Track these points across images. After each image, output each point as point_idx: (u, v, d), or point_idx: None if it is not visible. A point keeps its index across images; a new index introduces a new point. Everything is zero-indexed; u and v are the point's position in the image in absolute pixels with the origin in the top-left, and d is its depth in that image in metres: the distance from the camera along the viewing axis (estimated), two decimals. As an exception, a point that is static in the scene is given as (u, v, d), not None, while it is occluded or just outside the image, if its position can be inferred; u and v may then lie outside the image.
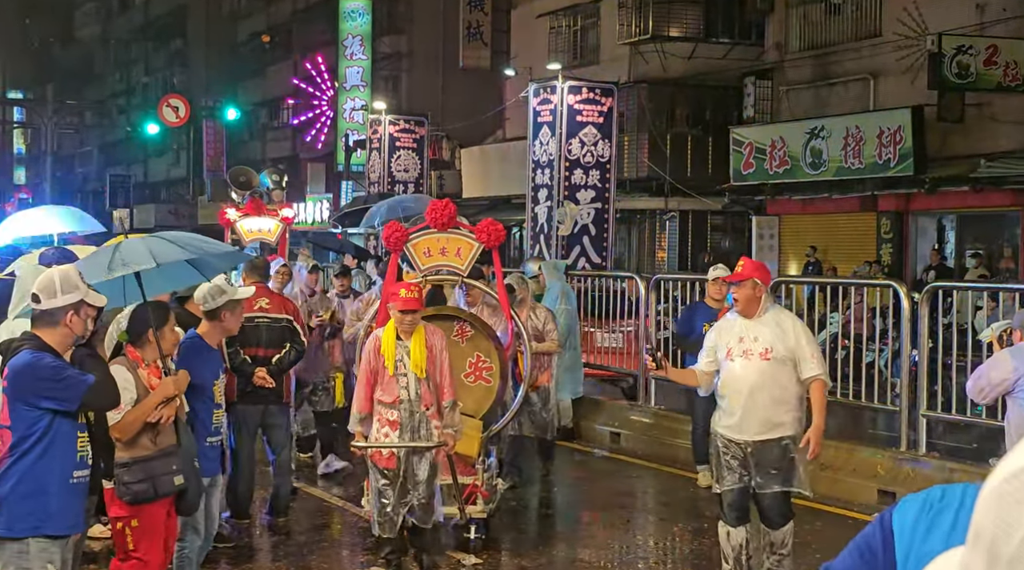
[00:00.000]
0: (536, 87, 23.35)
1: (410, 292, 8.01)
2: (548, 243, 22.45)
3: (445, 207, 9.35)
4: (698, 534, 10.09)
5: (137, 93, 67.64)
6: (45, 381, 5.47)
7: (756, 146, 28.48)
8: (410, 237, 9.28)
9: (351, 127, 43.42)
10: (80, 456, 5.64)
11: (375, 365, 8.06)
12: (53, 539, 5.55)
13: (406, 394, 8.01)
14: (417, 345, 8.00)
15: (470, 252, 9.31)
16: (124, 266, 6.70)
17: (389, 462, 8.12)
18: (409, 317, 7.96)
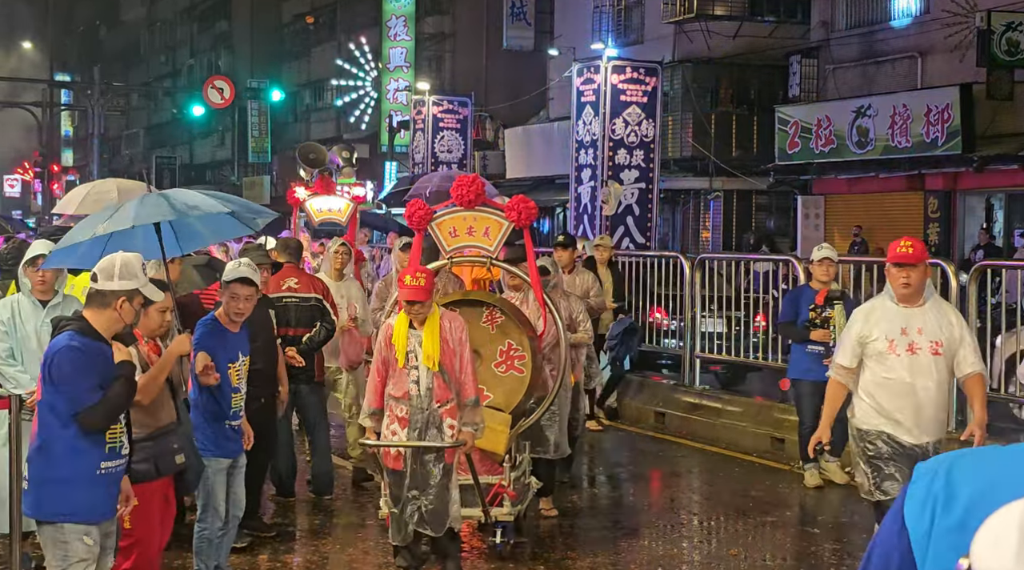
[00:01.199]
0: (580, 67, 23.30)
1: (416, 279, 7.21)
2: (591, 223, 22.40)
3: (472, 183, 8.58)
4: (777, 526, 10.04)
5: (182, 75, 67.96)
6: (64, 374, 5.51)
7: (802, 125, 28.28)
8: (435, 215, 8.59)
9: (395, 108, 43.45)
10: (110, 448, 5.65)
11: (386, 355, 7.37)
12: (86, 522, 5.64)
13: (416, 389, 7.30)
14: (430, 335, 7.25)
15: (499, 232, 8.51)
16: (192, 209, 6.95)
17: (396, 463, 7.48)
18: (416, 308, 7.24)
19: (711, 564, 8.76)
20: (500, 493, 8.24)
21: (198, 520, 7.25)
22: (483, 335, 8.39)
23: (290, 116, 57.15)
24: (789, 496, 10.89)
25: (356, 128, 48.72)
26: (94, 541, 5.65)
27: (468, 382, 7.37)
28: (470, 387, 7.38)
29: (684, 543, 9.39)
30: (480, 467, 8.07)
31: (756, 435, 12.48)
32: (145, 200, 7.27)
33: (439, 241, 8.57)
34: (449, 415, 7.38)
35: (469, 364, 7.40)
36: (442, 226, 8.56)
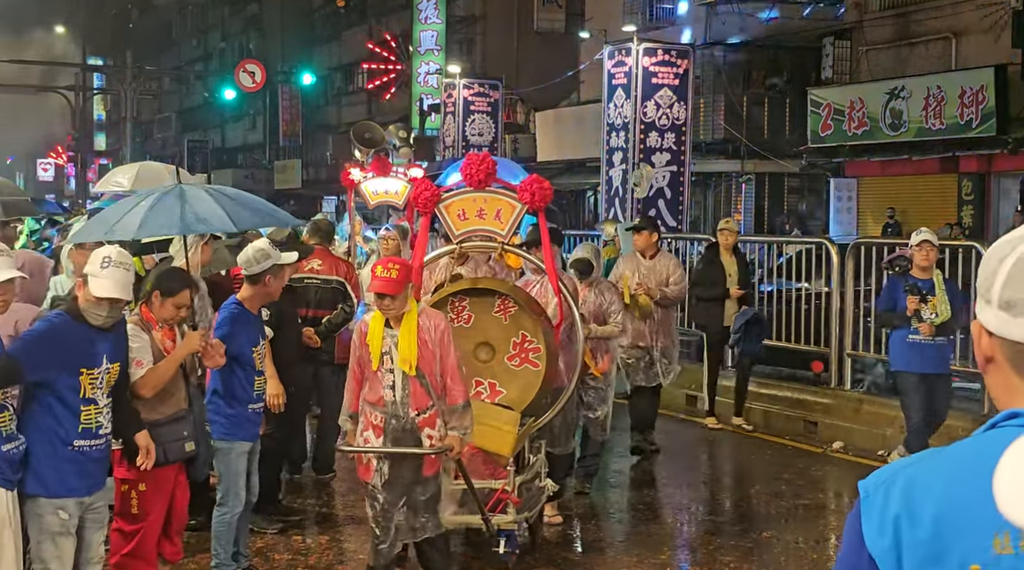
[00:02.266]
0: (611, 49, 23.19)
1: (387, 270, 6.41)
2: (623, 206, 22.34)
3: (482, 162, 7.94)
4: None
5: (214, 59, 68.14)
6: (21, 335, 5.67)
7: (834, 107, 28.10)
8: (443, 197, 7.99)
9: (426, 91, 43.44)
10: (84, 428, 5.70)
11: (361, 355, 6.64)
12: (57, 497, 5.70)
13: (391, 395, 6.56)
14: (407, 336, 6.47)
15: (512, 214, 7.90)
16: (200, 223, 6.83)
17: (368, 474, 6.74)
18: (386, 302, 6.44)
19: (744, 547, 8.75)
20: (503, 499, 7.54)
21: (219, 504, 7.23)
22: (495, 326, 7.91)
23: (321, 99, 57.24)
24: (822, 479, 10.87)
25: (387, 112, 48.74)
26: (69, 515, 5.72)
27: (454, 387, 6.61)
28: (457, 392, 6.62)
29: (715, 525, 9.38)
30: (483, 470, 7.59)
31: (789, 418, 12.44)
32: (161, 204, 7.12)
33: (447, 224, 8.03)
34: (428, 425, 6.60)
35: (454, 367, 6.62)
36: (450, 208, 7.97)
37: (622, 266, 11.50)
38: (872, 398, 12.35)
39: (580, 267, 9.52)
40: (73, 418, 5.67)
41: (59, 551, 5.73)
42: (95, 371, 5.70)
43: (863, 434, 11.71)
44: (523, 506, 7.72)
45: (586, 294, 9.52)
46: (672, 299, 11.41)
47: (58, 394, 5.63)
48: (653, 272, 11.27)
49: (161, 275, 6.66)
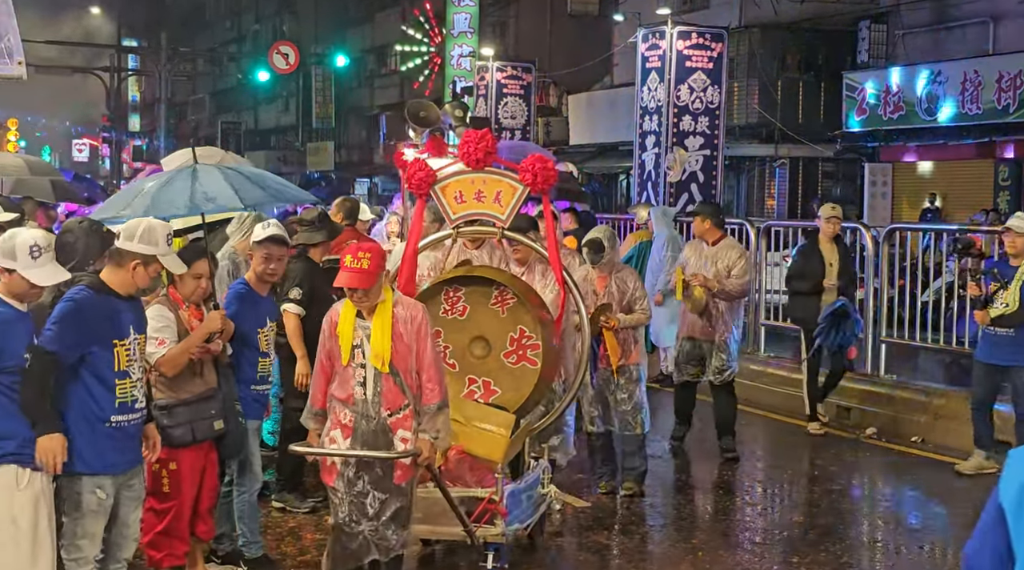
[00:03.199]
0: (645, 32, 23.11)
1: (357, 260, 5.90)
2: (655, 190, 22.29)
3: (480, 139, 7.30)
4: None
5: (247, 41, 68.26)
6: (50, 319, 5.62)
7: (870, 92, 27.93)
8: (438, 178, 7.41)
9: (459, 74, 43.34)
10: (120, 402, 5.72)
11: (331, 348, 6.16)
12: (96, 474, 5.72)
13: (361, 392, 6.08)
14: (380, 329, 5.99)
15: (512, 197, 7.33)
16: (209, 202, 6.81)
17: (330, 477, 6.28)
18: (358, 296, 5.98)
19: (775, 531, 8.72)
20: (489, 510, 6.86)
21: (237, 484, 7.20)
22: (492, 320, 7.37)
23: (354, 82, 57.24)
24: (855, 465, 10.82)
25: (420, 94, 48.69)
26: (106, 494, 5.75)
27: (430, 385, 6.07)
28: (434, 391, 6.07)
29: (748, 510, 9.35)
30: (468, 477, 7.05)
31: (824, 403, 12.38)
32: (171, 183, 7.13)
33: (443, 207, 7.47)
34: (401, 426, 6.10)
35: (433, 364, 6.09)
36: (447, 190, 7.42)
37: (686, 251, 10.94)
38: (906, 384, 12.28)
39: (592, 247, 8.96)
40: (109, 394, 5.69)
41: (93, 530, 5.76)
42: (126, 341, 5.73)
43: (896, 420, 11.64)
44: (517, 517, 7.11)
45: (606, 283, 9.03)
46: (731, 293, 10.46)
47: (94, 370, 5.65)
48: (714, 260, 10.51)
49: (185, 257, 6.68)
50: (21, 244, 5.46)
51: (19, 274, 5.42)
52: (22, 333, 5.50)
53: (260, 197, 7.29)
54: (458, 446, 6.86)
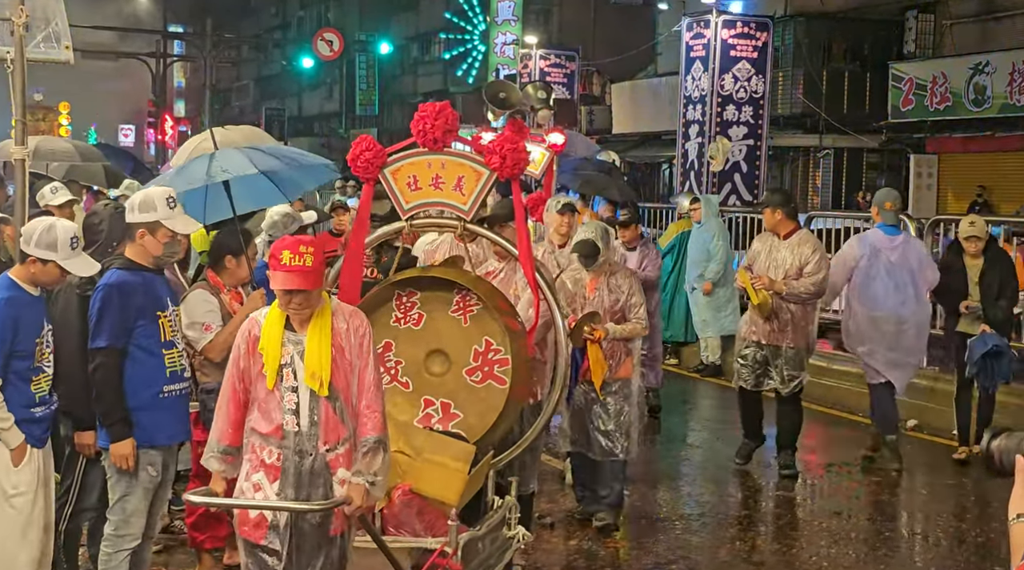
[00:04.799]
0: (689, 21, 23.06)
1: (299, 256, 4.81)
2: (698, 180, 22.25)
3: (439, 114, 6.11)
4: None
5: (292, 27, 68.53)
6: (94, 310, 5.75)
7: (916, 82, 27.72)
8: (388, 159, 6.20)
9: (502, 62, 43.38)
10: (171, 372, 5.86)
11: (246, 368, 4.99)
12: (152, 447, 5.83)
13: (293, 422, 4.93)
14: (317, 341, 4.92)
15: (476, 183, 6.14)
16: (224, 173, 6.89)
17: (257, 532, 5.05)
18: (296, 301, 4.87)
19: (815, 522, 8.70)
20: (440, 565, 5.46)
21: None
22: (452, 330, 6.20)
23: (398, 69, 57.35)
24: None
25: (463, 82, 48.76)
26: (157, 472, 5.86)
27: (370, 413, 4.97)
28: (372, 420, 4.97)
29: (788, 502, 9.33)
30: (416, 523, 5.76)
31: (862, 395, 12.31)
32: (191, 163, 7.26)
33: (394, 195, 6.23)
34: (343, 463, 4.98)
35: (375, 387, 5.01)
36: (398, 175, 6.19)
37: (755, 246, 9.94)
38: (947, 376, 12.19)
39: (583, 251, 7.93)
40: (160, 364, 5.82)
41: (144, 506, 5.87)
42: (167, 313, 5.88)
43: (937, 413, 11.56)
44: (478, 566, 5.81)
45: (597, 286, 8.04)
46: (801, 294, 9.41)
47: (143, 343, 5.77)
48: (787, 256, 9.48)
49: (222, 239, 6.76)
50: (63, 236, 5.60)
51: (56, 264, 5.53)
52: (35, 317, 5.65)
53: (275, 165, 7.31)
54: (405, 485, 5.72)
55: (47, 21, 6.52)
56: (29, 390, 5.61)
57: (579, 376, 8.06)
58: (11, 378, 5.54)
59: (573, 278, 8.11)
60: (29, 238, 5.61)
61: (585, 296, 8.03)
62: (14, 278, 5.62)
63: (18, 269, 5.66)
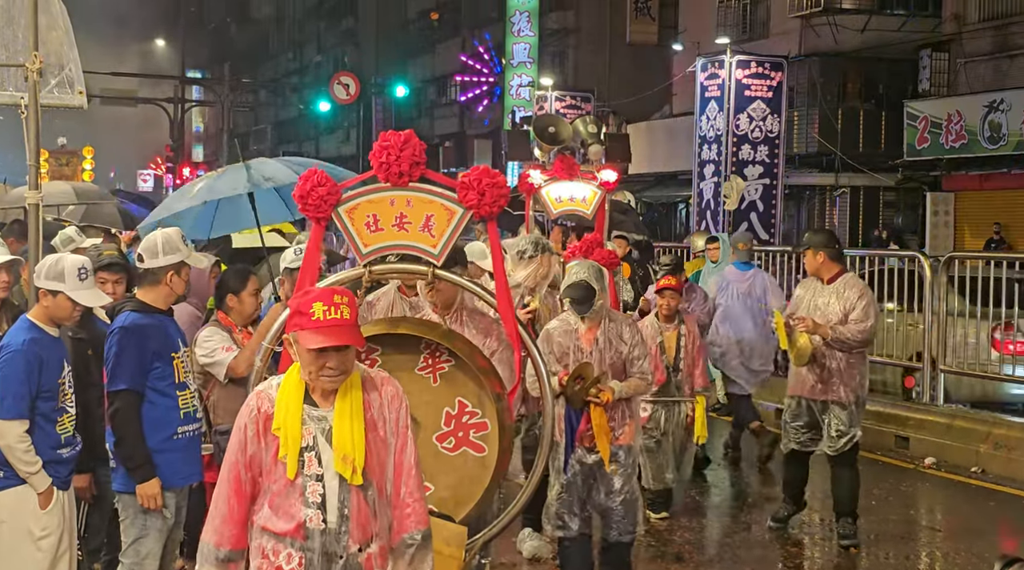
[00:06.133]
0: (704, 62, 23.17)
1: (333, 307, 3.99)
2: (714, 219, 22.27)
3: (405, 144, 5.24)
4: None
5: (309, 71, 69.00)
6: (111, 354, 5.80)
7: (931, 120, 27.75)
8: (343, 196, 5.28)
9: (518, 104, 43.58)
10: (184, 413, 5.90)
11: (256, 454, 4.06)
12: (166, 489, 5.84)
13: (318, 518, 4.01)
14: (348, 418, 4.04)
15: (448, 224, 5.28)
16: (267, 181, 6.95)
17: None
18: (332, 363, 3.99)
19: (832, 561, 8.64)
20: None
21: None
22: (420, 390, 5.29)
23: (414, 112, 57.66)
24: (912, 495, 10.70)
25: (479, 124, 48.97)
26: (170, 514, 5.88)
27: (413, 502, 4.15)
28: (416, 511, 4.16)
29: (805, 539, 9.27)
30: None
31: (880, 433, 12.27)
32: (226, 173, 7.40)
33: (351, 237, 5.31)
34: (379, 565, 4.12)
35: (416, 470, 4.18)
36: (355, 214, 5.29)
37: (797, 291, 9.15)
38: (965, 413, 12.14)
39: (574, 295, 6.94)
40: (174, 406, 5.85)
41: (158, 549, 5.88)
42: (180, 354, 5.94)
43: (955, 450, 11.51)
44: None
45: (595, 337, 7.05)
46: (848, 341, 8.58)
47: (157, 387, 5.81)
48: (831, 302, 8.70)
49: (223, 279, 6.84)
50: (70, 266, 5.68)
51: (65, 295, 5.58)
52: (57, 358, 5.70)
53: None
54: None
55: (61, 67, 6.59)
56: (55, 431, 5.66)
57: (574, 442, 7.02)
58: (37, 420, 5.58)
59: (563, 328, 7.08)
60: (39, 272, 5.71)
61: (581, 349, 7.01)
62: (32, 319, 5.68)
63: (35, 309, 5.72)
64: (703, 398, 9.69)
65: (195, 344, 6.55)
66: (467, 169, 11.62)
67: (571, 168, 10.01)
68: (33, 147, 6.52)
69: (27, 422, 5.53)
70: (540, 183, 10.19)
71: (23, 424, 5.52)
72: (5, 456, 5.54)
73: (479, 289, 5.63)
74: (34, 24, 6.32)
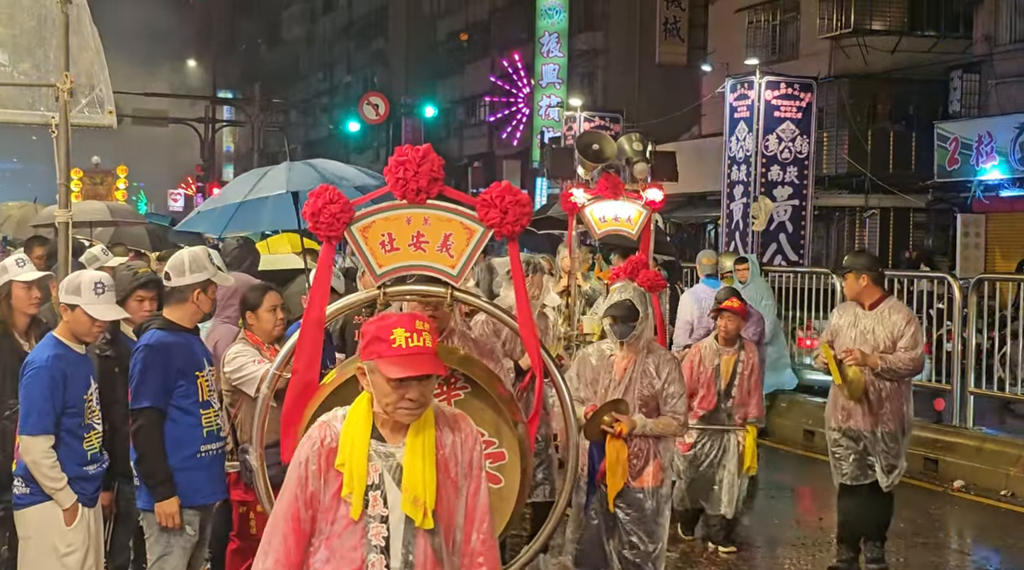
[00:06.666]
0: (733, 82, 23.15)
1: (416, 334, 3.72)
2: (743, 240, 22.22)
3: (423, 159, 5.00)
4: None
5: (339, 92, 69.31)
6: (135, 372, 5.83)
7: (962, 141, 27.63)
8: (356, 214, 4.98)
9: (547, 124, 43.63)
10: (208, 431, 5.90)
11: (317, 492, 3.75)
12: (189, 507, 5.85)
13: (381, 563, 3.72)
14: (419, 453, 3.75)
15: (467, 243, 4.98)
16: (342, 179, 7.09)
17: None
18: (413, 394, 3.69)
19: (859, 585, 8.59)
20: None
21: None
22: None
23: (443, 132, 57.80)
24: (942, 518, 10.62)
25: (508, 144, 49.05)
26: (194, 531, 5.89)
27: (486, 550, 3.88)
28: (490, 560, 3.89)
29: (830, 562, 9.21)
30: None
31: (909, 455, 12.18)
32: (294, 167, 7.52)
33: (364, 257, 5.03)
34: None
35: (488, 514, 3.91)
36: (370, 233, 5.00)
37: (835, 319, 8.65)
38: (995, 436, 12.06)
39: (617, 313, 6.62)
40: (197, 425, 5.87)
41: (181, 565, 5.89)
42: (204, 373, 5.95)
43: (985, 473, 11.43)
44: None
45: (629, 367, 6.67)
46: (898, 370, 8.15)
47: (180, 405, 5.83)
48: (875, 328, 8.23)
49: (244, 296, 6.86)
50: (87, 281, 5.72)
51: (81, 309, 5.61)
52: (83, 374, 5.73)
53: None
54: None
55: (91, 87, 6.65)
56: (81, 448, 5.69)
57: (595, 482, 6.62)
58: (63, 436, 5.61)
59: (598, 353, 6.78)
60: (62, 288, 5.77)
61: (612, 377, 6.66)
62: (57, 336, 5.72)
63: (60, 326, 5.76)
64: (754, 428, 9.09)
65: (223, 362, 6.56)
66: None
67: (616, 187, 9.60)
68: (63, 166, 6.57)
69: (52, 438, 5.56)
70: (584, 202, 9.75)
71: (48, 440, 5.55)
72: (31, 472, 5.58)
73: (501, 313, 5.36)
74: (65, 44, 6.38)
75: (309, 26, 78.10)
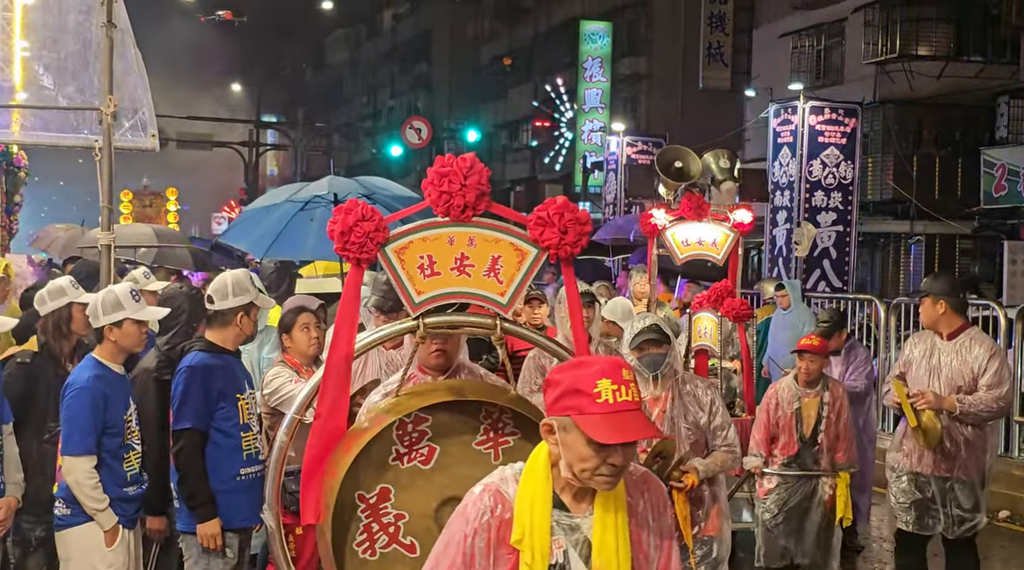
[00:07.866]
0: (777, 107, 23.03)
1: (624, 386, 3.12)
2: (787, 266, 22.08)
3: (469, 171, 4.40)
4: None
5: (382, 116, 69.63)
6: (177, 392, 5.84)
7: (1009, 167, 27.37)
8: (391, 235, 4.40)
9: (589, 149, 43.62)
10: (247, 454, 5.90)
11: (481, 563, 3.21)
12: (228, 530, 5.85)
13: None
14: (612, 526, 3.21)
15: (518, 267, 4.41)
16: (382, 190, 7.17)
17: None
18: (620, 458, 3.12)
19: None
20: None
21: None
22: (476, 469, 4.12)
23: (486, 156, 57.87)
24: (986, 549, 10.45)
25: (550, 169, 49.06)
26: (234, 554, 5.89)
27: None
28: None
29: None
30: None
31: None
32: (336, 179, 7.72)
33: (400, 283, 4.40)
34: None
35: None
36: (407, 254, 4.39)
37: (908, 349, 7.75)
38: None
39: (651, 337, 6.05)
40: (236, 448, 5.88)
41: None
42: (245, 395, 5.95)
43: (1034, 505, 11.24)
44: None
45: (664, 405, 6.06)
46: (980, 413, 7.25)
47: (221, 427, 5.84)
48: (953, 362, 7.37)
49: (281, 318, 6.85)
50: (122, 293, 5.78)
51: (130, 320, 5.63)
52: (122, 395, 5.76)
53: None
54: None
55: (135, 110, 6.68)
56: (121, 469, 5.71)
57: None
58: (104, 457, 5.63)
59: None
60: (96, 314, 5.77)
61: (650, 417, 5.95)
62: (97, 357, 5.74)
63: (99, 348, 5.77)
64: (847, 475, 7.98)
65: (261, 386, 6.56)
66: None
67: (700, 208, 8.99)
68: (106, 189, 6.60)
69: (95, 458, 5.58)
70: (665, 224, 9.17)
71: (91, 460, 5.56)
72: (73, 493, 5.58)
73: (554, 345, 4.75)
74: (109, 68, 6.41)
75: (353, 51, 78.57)
